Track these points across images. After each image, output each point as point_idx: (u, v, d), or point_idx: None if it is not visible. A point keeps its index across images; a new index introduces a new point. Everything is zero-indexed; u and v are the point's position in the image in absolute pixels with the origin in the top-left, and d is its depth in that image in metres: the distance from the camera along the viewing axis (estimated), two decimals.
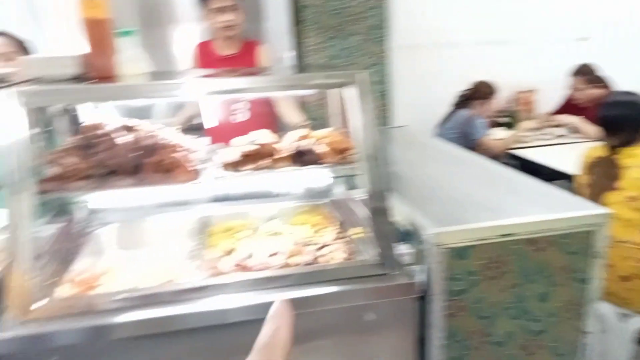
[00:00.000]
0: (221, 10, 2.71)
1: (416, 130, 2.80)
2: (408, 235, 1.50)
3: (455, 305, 1.39)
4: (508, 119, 4.19)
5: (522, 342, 1.47)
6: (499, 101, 4.00)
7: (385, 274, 1.40)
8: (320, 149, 1.58)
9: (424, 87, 4.04)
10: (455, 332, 1.41)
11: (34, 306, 1.25)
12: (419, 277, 1.38)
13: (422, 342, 1.45)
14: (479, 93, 3.73)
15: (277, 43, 3.56)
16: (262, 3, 3.68)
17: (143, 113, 3.42)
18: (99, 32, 1.56)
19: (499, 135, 3.77)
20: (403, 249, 1.48)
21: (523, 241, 1.39)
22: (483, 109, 3.72)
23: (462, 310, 1.40)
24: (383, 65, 3.68)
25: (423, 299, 1.40)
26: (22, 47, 2.49)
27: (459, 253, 1.35)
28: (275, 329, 0.42)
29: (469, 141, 3.56)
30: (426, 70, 4.08)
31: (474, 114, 3.66)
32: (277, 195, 1.98)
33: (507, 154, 3.62)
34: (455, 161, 2.11)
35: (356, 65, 3.59)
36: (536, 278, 1.43)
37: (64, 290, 1.39)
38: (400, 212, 1.52)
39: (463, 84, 3.79)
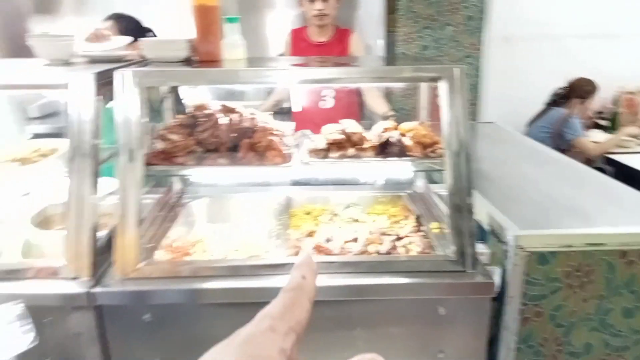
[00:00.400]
0: None
1: (506, 126, 2.71)
2: (488, 235, 1.49)
3: (531, 310, 1.37)
4: (608, 122, 3.92)
5: (601, 356, 1.42)
6: (599, 101, 3.76)
7: (461, 271, 1.40)
8: (406, 141, 1.60)
9: (518, 81, 3.87)
10: (529, 337, 1.40)
11: (136, 266, 1.39)
12: (496, 278, 1.38)
13: (493, 344, 1.44)
14: (578, 91, 3.52)
15: (369, 31, 3.57)
16: None
17: (235, 95, 3.62)
18: (207, 18, 1.66)
19: (596, 138, 3.55)
20: (482, 248, 1.47)
21: (613, 252, 1.34)
22: (581, 108, 3.52)
23: (539, 316, 1.38)
24: (476, 57, 3.57)
25: (499, 300, 1.39)
26: (127, 31, 2.52)
27: (541, 258, 1.33)
28: (302, 276, 0.44)
29: (562, 141, 3.39)
30: (522, 64, 3.90)
31: (570, 112, 3.47)
32: (359, 184, 2.03)
33: (603, 159, 3.41)
34: (545, 161, 2.04)
35: (448, 57, 3.52)
36: (623, 292, 1.37)
37: (161, 255, 1.53)
38: (482, 211, 1.51)
39: (561, 81, 3.59)
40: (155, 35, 2.64)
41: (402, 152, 1.59)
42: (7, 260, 1.51)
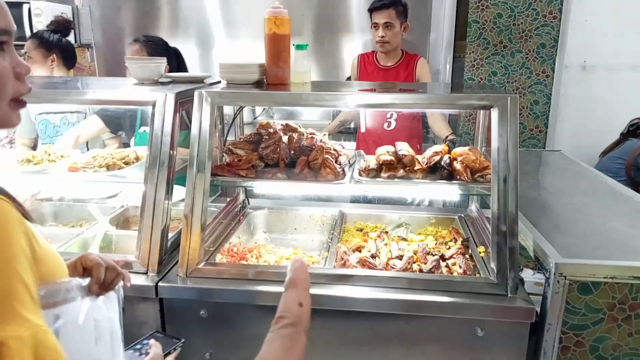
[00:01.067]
0: (376, 26, 2.88)
1: (574, 155, 2.66)
2: (535, 262, 1.50)
3: (571, 340, 1.37)
4: None
5: None
6: None
7: (502, 295, 1.43)
8: (456, 166, 1.65)
9: (591, 110, 3.74)
10: None
11: (196, 266, 1.55)
12: (536, 303, 1.39)
13: None
14: None
15: (439, 56, 3.63)
16: (429, 16, 3.78)
17: (302, 115, 3.80)
18: (279, 45, 1.80)
19: None
20: (526, 274, 1.49)
21: None
22: None
23: (579, 346, 1.37)
24: (546, 85, 3.51)
25: (538, 327, 1.40)
26: (155, 53, 2.53)
27: (583, 287, 1.33)
28: (299, 303, 0.58)
29: (637, 174, 3.23)
30: (599, 94, 3.77)
31: None
32: (413, 204, 2.09)
33: None
34: (605, 194, 2.00)
35: (515, 84, 3.49)
36: None
37: (220, 258, 1.69)
38: (529, 238, 1.53)
39: (638, 112, 3.44)
40: (181, 55, 2.71)
41: (450, 175, 1.65)
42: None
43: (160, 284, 1.52)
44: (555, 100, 3.58)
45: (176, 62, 2.61)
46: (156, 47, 2.55)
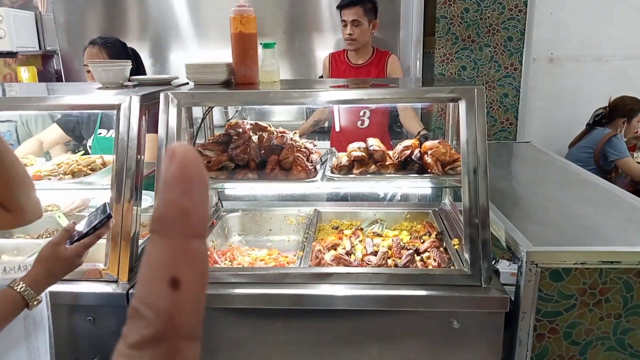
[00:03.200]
0: (345, 23, 2.88)
1: (544, 146, 2.70)
2: (508, 252, 1.51)
3: (545, 327, 1.38)
4: None
5: None
6: None
7: (476, 286, 1.44)
8: (427, 159, 1.66)
9: (559, 102, 3.81)
10: (544, 354, 1.40)
11: None
12: (511, 293, 1.40)
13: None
14: (622, 110, 3.42)
15: (408, 52, 3.65)
16: (398, 12, 3.80)
17: (274, 115, 3.78)
18: (245, 44, 1.78)
19: None
20: (502, 266, 1.50)
21: (629, 271, 1.33)
22: (626, 128, 3.42)
23: (553, 333, 1.39)
24: (515, 77, 3.57)
25: (513, 316, 1.41)
26: (115, 55, 2.43)
27: (554, 274, 1.34)
28: (172, 280, 0.25)
29: (606, 162, 3.30)
30: (567, 85, 3.85)
31: (614, 133, 3.38)
32: (383, 199, 2.09)
33: None
34: (574, 183, 2.03)
35: (484, 78, 3.54)
36: None
37: None
38: (501, 228, 1.54)
39: (605, 102, 3.52)
40: (139, 56, 2.61)
41: (422, 169, 1.65)
42: None
43: (131, 291, 1.48)
44: (524, 92, 3.63)
45: (135, 63, 2.53)
46: (115, 48, 2.44)
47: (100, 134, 2.37)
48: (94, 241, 1.26)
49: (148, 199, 1.76)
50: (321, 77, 3.31)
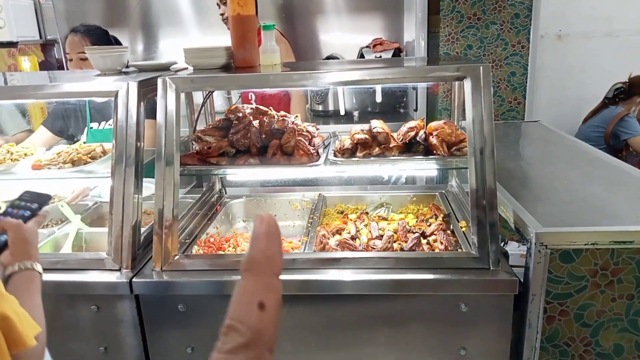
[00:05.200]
0: (218, 4, 2.95)
1: (553, 125, 2.64)
2: (516, 233, 1.48)
3: (556, 309, 1.35)
4: None
5: (631, 359, 1.37)
6: None
7: (484, 268, 1.41)
8: (432, 140, 1.62)
9: (569, 79, 3.73)
10: (555, 337, 1.38)
11: (171, 260, 1.50)
12: (520, 275, 1.37)
13: (519, 343, 1.43)
14: (636, 88, 3.35)
15: (414, 32, 3.58)
16: None
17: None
18: (244, 26, 1.74)
19: None
20: (511, 247, 1.46)
21: None
22: (639, 106, 3.35)
23: (564, 315, 1.35)
24: (522, 55, 3.49)
25: (522, 298, 1.38)
26: (99, 43, 2.38)
27: (565, 255, 1.31)
28: (259, 304, 0.39)
29: (617, 141, 3.24)
30: (576, 62, 3.76)
31: (626, 111, 3.31)
32: (387, 182, 2.06)
33: None
34: (584, 161, 1.98)
35: (491, 56, 3.46)
36: None
37: (196, 250, 1.64)
38: (509, 210, 1.50)
39: (616, 79, 3.44)
40: (120, 43, 2.58)
41: (427, 151, 1.61)
42: (60, 252, 1.67)
43: (134, 279, 1.47)
44: (532, 70, 3.56)
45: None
46: (98, 36, 2.38)
47: (92, 127, 2.34)
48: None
49: (149, 186, 1.73)
50: None
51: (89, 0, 3.96)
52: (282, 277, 1.44)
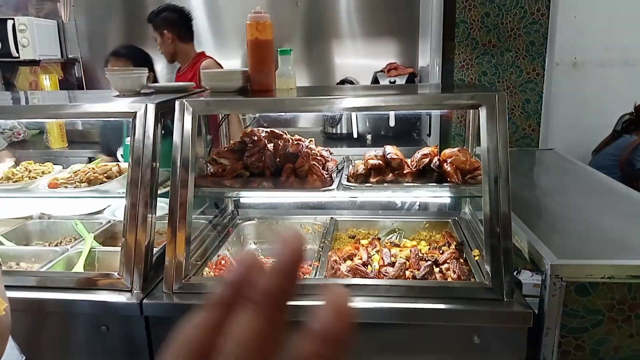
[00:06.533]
0: None
1: (568, 153, 2.62)
2: (529, 264, 1.46)
3: (571, 343, 1.32)
4: None
5: None
6: None
7: (497, 299, 1.38)
8: (446, 167, 1.61)
9: (583, 108, 3.71)
10: None
11: (182, 281, 1.50)
12: (534, 305, 1.35)
13: None
14: None
15: (427, 57, 3.61)
16: (417, 18, 3.77)
17: (290, 122, 3.77)
18: (261, 51, 1.77)
19: None
20: (524, 277, 1.44)
21: None
22: None
23: (580, 350, 1.32)
24: (537, 83, 3.49)
25: (536, 331, 1.36)
26: (137, 62, 2.55)
27: (580, 288, 1.29)
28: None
29: (632, 170, 3.20)
30: (588, 90, 3.74)
31: None
32: (401, 208, 2.05)
33: None
34: (600, 192, 1.96)
35: (505, 83, 3.46)
36: None
37: (207, 272, 1.64)
38: (524, 239, 1.49)
39: (631, 108, 3.41)
40: (151, 62, 2.80)
41: (440, 178, 1.61)
42: (72, 271, 1.68)
43: (145, 301, 1.47)
44: (547, 98, 3.54)
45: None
46: (136, 57, 2.56)
47: (127, 142, 2.40)
48: None
49: (163, 206, 1.75)
50: None
51: (110, 20, 4.07)
52: (293, 302, 1.44)
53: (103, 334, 1.49)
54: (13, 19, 3.70)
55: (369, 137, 3.42)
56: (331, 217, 2.02)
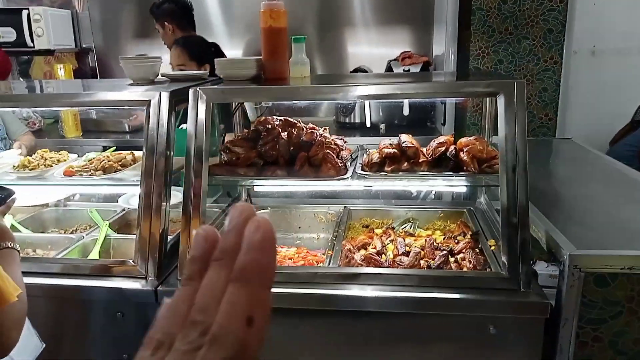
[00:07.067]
0: None
1: (586, 143, 2.58)
2: (547, 254, 1.44)
3: (589, 334, 1.30)
4: None
5: None
6: None
7: (514, 290, 1.37)
8: (463, 156, 1.59)
9: (602, 96, 3.64)
10: None
11: None
12: (550, 297, 1.33)
13: None
14: None
15: (443, 46, 3.56)
16: (432, 6, 3.72)
17: (304, 111, 3.75)
18: (275, 39, 1.75)
19: None
20: (540, 267, 1.42)
21: None
22: None
23: (598, 341, 1.30)
24: (554, 71, 3.42)
25: (553, 322, 1.34)
26: (196, 52, 2.56)
27: (599, 279, 1.26)
28: (248, 318, 0.33)
29: None
30: (607, 79, 3.67)
31: None
32: (416, 197, 2.03)
33: None
34: (619, 181, 1.92)
35: (522, 72, 3.41)
36: None
37: None
38: (541, 229, 1.46)
39: None
40: (219, 48, 2.79)
41: (457, 167, 1.58)
42: (88, 258, 1.69)
43: (159, 288, 1.48)
44: (565, 87, 3.48)
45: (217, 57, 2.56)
46: (196, 47, 2.56)
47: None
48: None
49: (177, 194, 1.75)
50: None
51: (124, 11, 4.07)
52: (307, 290, 1.43)
53: (119, 320, 1.50)
54: (28, 9, 3.71)
55: (382, 126, 3.39)
56: (345, 207, 2.01)
